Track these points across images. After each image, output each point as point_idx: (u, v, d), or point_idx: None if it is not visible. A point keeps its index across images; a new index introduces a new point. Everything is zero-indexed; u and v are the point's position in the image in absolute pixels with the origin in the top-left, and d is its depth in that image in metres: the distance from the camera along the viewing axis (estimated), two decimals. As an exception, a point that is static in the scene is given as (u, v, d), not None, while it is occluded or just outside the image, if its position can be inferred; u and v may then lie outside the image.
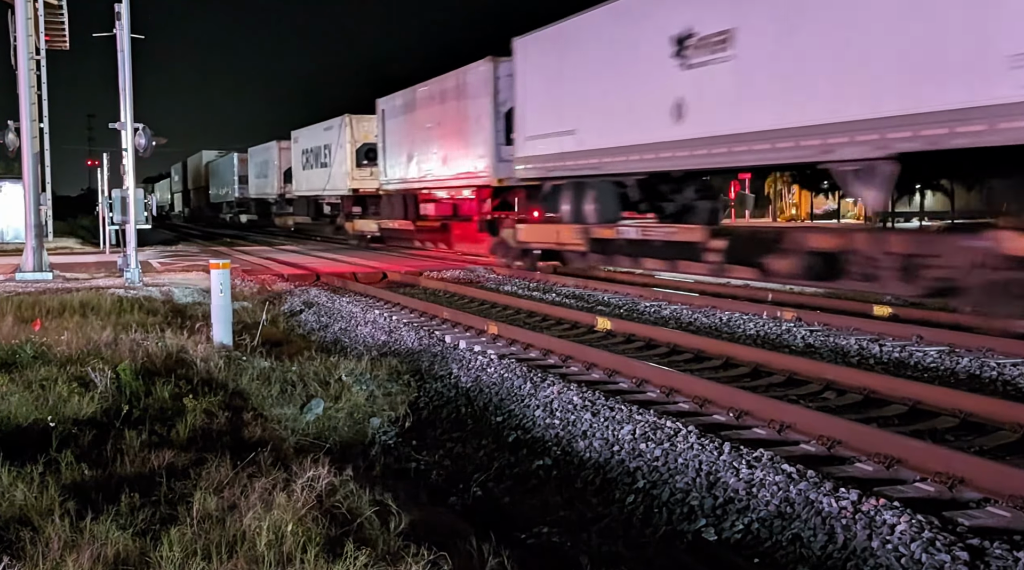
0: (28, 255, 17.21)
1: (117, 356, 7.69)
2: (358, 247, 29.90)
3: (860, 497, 4.83)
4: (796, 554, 4.57)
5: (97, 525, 3.83)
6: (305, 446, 6.26)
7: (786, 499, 5.02)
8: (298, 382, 7.84)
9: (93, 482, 4.57)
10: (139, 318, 10.35)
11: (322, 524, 4.00)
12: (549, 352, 9.63)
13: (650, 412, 6.80)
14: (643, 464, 5.93)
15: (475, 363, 9.04)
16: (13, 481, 4.38)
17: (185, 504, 4.17)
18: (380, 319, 12.27)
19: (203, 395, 6.49)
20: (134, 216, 16.43)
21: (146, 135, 16.64)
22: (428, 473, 6.39)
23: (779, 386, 8.07)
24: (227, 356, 8.34)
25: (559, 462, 6.35)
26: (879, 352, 9.50)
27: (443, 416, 7.82)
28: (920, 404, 7.01)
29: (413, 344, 10.55)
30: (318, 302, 14.64)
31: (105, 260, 21.82)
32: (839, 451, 5.97)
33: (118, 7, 16.53)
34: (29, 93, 17.79)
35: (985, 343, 9.30)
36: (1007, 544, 4.24)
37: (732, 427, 6.72)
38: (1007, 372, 8.34)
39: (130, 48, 16.59)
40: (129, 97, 16.47)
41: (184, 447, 5.36)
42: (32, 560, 3.57)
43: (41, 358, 7.56)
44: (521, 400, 7.68)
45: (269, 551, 3.66)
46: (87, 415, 5.89)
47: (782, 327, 11.09)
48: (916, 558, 4.21)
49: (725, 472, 5.50)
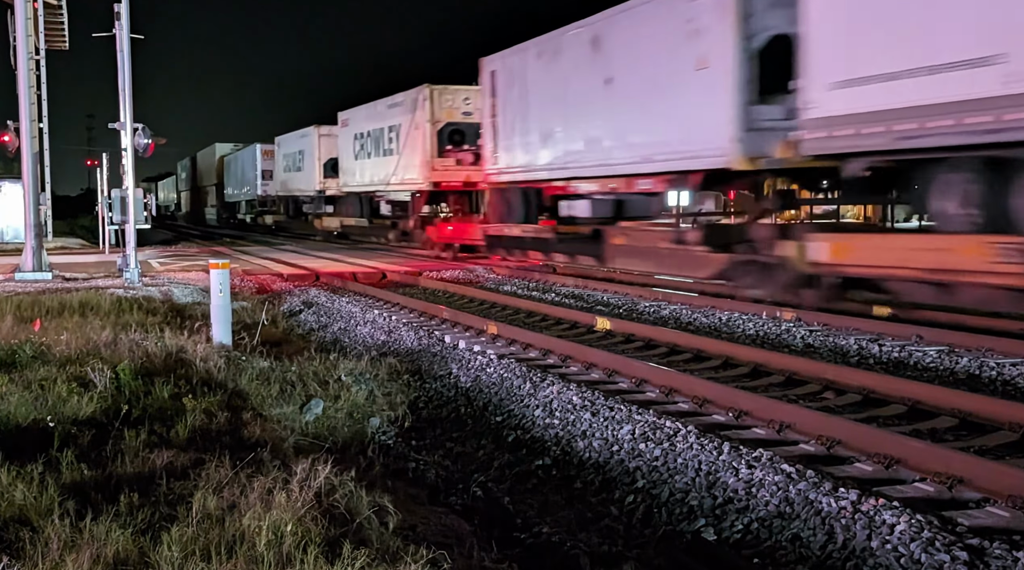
0: (27, 255, 17.21)
1: (116, 356, 7.69)
2: (358, 247, 29.50)
3: (859, 497, 4.83)
4: (796, 554, 4.57)
5: (97, 525, 3.83)
6: (304, 446, 6.26)
7: (785, 499, 5.02)
8: (297, 382, 7.84)
9: (93, 482, 4.57)
10: (138, 318, 10.35)
11: (321, 524, 3.99)
12: (549, 352, 9.63)
13: (649, 412, 6.80)
14: (643, 464, 5.94)
15: (475, 363, 9.04)
16: (13, 481, 4.37)
17: (185, 504, 4.17)
18: (379, 319, 12.27)
19: (203, 395, 6.49)
20: (133, 216, 16.46)
21: (146, 135, 16.66)
22: (427, 473, 6.39)
23: (778, 386, 8.08)
24: (227, 356, 8.35)
25: (559, 462, 6.35)
26: (878, 352, 9.50)
27: (443, 416, 7.82)
28: (919, 404, 7.02)
29: (412, 344, 10.55)
30: (317, 302, 14.64)
31: (104, 260, 21.82)
32: (838, 451, 5.97)
33: (117, 7, 16.55)
34: (28, 93, 17.80)
35: (985, 343, 9.30)
36: (1006, 544, 4.24)
37: (731, 427, 6.72)
38: (1006, 372, 8.34)
39: (129, 48, 16.60)
40: (128, 97, 16.48)
41: (184, 447, 5.35)
42: (32, 560, 3.57)
43: (40, 358, 7.56)
44: (521, 400, 7.68)
45: (268, 551, 3.66)
46: (86, 415, 5.89)
47: (781, 327, 11.09)
48: (915, 558, 4.21)
49: (724, 472, 5.50)
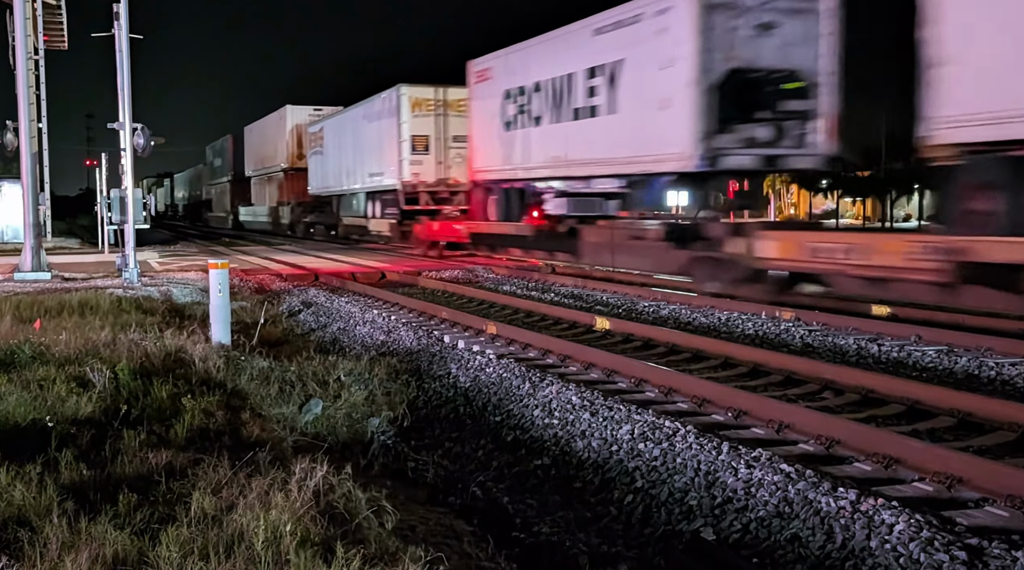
0: (27, 255, 17.19)
1: (116, 356, 7.68)
2: (357, 247, 29.46)
3: (859, 497, 4.82)
4: (795, 554, 4.57)
5: (95, 525, 3.82)
6: (303, 446, 6.26)
7: (785, 499, 5.02)
8: (296, 382, 7.83)
9: (91, 482, 4.56)
10: (138, 318, 10.34)
11: (320, 524, 3.99)
12: (548, 352, 9.63)
13: (649, 412, 6.79)
14: (642, 464, 5.93)
15: (474, 363, 9.04)
16: (11, 481, 4.37)
17: (183, 504, 4.17)
18: (379, 319, 12.27)
19: (201, 395, 6.48)
20: (132, 216, 16.46)
21: (144, 135, 16.65)
22: (426, 473, 6.39)
23: (778, 385, 8.07)
24: (226, 356, 8.34)
25: (558, 462, 6.35)
26: (877, 352, 9.50)
27: (442, 416, 7.81)
28: (918, 404, 7.02)
29: (412, 344, 10.54)
30: (317, 302, 14.63)
31: (104, 260, 21.80)
32: (838, 451, 5.97)
33: (116, 7, 16.54)
34: (27, 93, 17.79)
35: (983, 343, 9.30)
36: (1005, 544, 4.23)
37: (731, 427, 6.72)
38: (1005, 372, 8.34)
39: (128, 48, 16.60)
40: (127, 97, 16.48)
41: (182, 447, 5.35)
42: (30, 560, 3.57)
43: (39, 358, 7.55)
44: (520, 400, 7.67)
45: (267, 551, 3.65)
46: (85, 415, 5.88)
47: (780, 326, 11.09)
48: (914, 558, 4.21)
49: (724, 472, 5.50)
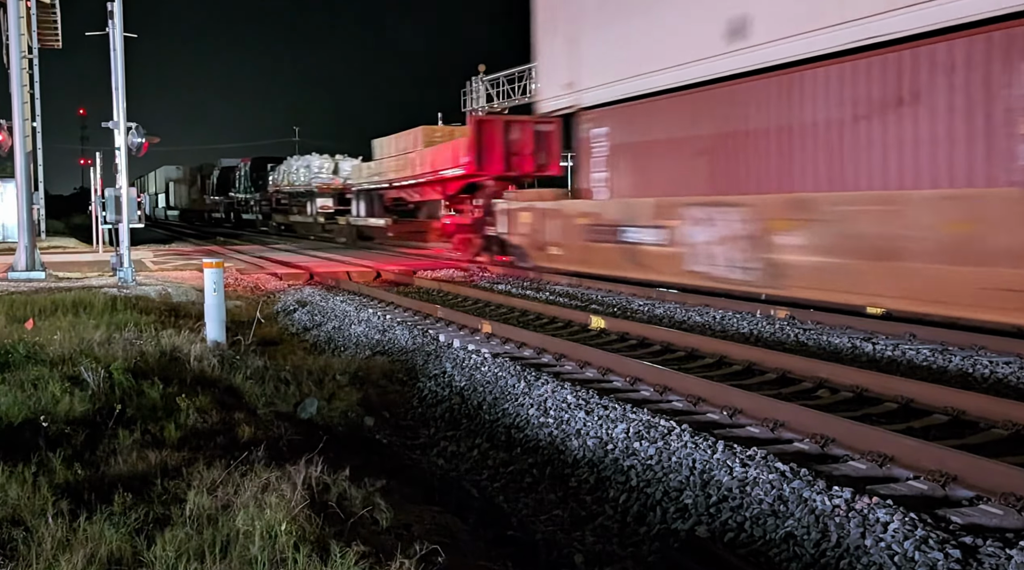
0: (21, 254, 17.16)
1: (110, 355, 7.67)
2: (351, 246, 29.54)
3: (853, 495, 4.84)
4: (789, 552, 4.58)
5: (90, 525, 3.82)
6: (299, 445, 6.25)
7: (780, 497, 5.03)
8: (292, 381, 7.83)
9: (86, 482, 4.56)
10: (132, 317, 10.32)
11: (315, 523, 3.99)
12: (543, 351, 9.63)
13: (644, 411, 6.80)
14: (637, 463, 5.94)
15: (469, 362, 9.04)
16: (6, 481, 4.36)
17: (178, 503, 4.16)
18: (374, 318, 12.25)
19: (196, 394, 6.48)
20: (127, 215, 16.43)
21: (139, 134, 16.63)
22: (422, 472, 6.38)
23: (772, 384, 8.09)
24: (220, 355, 8.33)
25: (553, 460, 6.35)
26: (872, 350, 9.52)
27: (437, 415, 7.81)
28: (913, 402, 7.04)
29: (407, 343, 10.54)
30: (312, 301, 14.61)
31: (98, 259, 21.76)
32: (832, 449, 5.98)
33: (111, 6, 16.50)
34: (21, 92, 17.72)
35: (977, 341, 9.33)
36: (999, 542, 4.25)
37: (726, 425, 6.73)
38: (999, 370, 8.37)
39: (123, 47, 16.56)
40: (122, 96, 16.44)
41: (177, 446, 5.35)
42: (25, 560, 3.56)
43: (34, 357, 7.53)
44: (515, 399, 7.67)
45: (262, 551, 3.65)
46: (80, 414, 5.87)
47: (775, 325, 11.11)
48: (909, 556, 4.22)
49: (719, 470, 5.51)
